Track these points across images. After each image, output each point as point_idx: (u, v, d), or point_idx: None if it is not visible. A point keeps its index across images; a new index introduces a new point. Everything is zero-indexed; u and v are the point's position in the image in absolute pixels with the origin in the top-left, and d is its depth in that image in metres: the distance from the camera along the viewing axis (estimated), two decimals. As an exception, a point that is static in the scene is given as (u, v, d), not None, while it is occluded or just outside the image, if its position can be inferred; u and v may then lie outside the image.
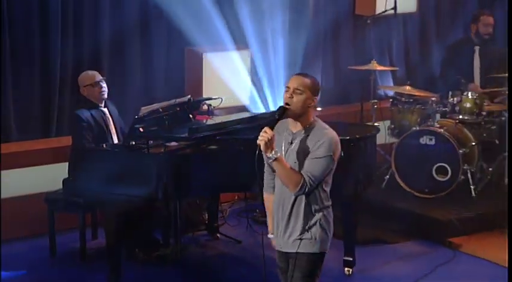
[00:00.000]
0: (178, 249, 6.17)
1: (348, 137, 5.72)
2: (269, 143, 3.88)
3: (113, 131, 6.18)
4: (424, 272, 5.87)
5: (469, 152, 6.90)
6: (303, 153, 3.99)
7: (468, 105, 7.20)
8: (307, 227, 4.05)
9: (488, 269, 6.08)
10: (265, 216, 4.96)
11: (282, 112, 3.98)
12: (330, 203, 4.15)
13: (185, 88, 7.45)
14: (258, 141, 3.90)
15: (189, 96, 6.21)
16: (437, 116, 7.35)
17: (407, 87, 7.43)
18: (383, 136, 7.31)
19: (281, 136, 4.11)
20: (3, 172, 6.40)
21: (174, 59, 7.24)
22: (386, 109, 7.82)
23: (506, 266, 6.03)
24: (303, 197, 4.02)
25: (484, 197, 7.00)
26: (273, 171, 4.11)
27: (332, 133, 4.04)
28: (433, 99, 7.45)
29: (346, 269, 5.76)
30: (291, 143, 4.05)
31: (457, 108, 7.27)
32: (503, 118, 7.42)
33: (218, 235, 6.59)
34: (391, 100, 7.73)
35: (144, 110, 5.60)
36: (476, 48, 7.97)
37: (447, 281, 5.83)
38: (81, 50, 7.02)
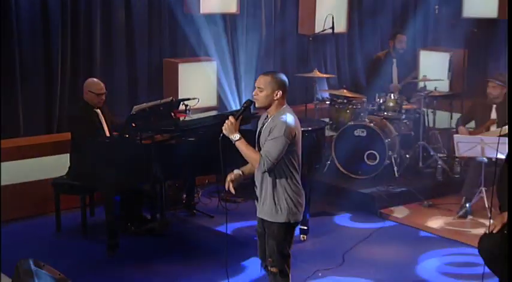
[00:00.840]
0: (163, 223, 6.24)
1: (303, 129, 5.86)
2: (230, 128, 4.07)
3: (105, 127, 6.15)
4: (363, 236, 6.09)
5: (392, 142, 7.10)
6: (264, 136, 4.12)
7: (391, 104, 7.45)
8: (275, 200, 4.14)
9: (411, 232, 6.32)
10: (231, 195, 5.64)
11: (248, 105, 4.21)
12: (298, 179, 4.24)
13: (163, 92, 7.45)
14: (222, 127, 4.11)
15: (172, 97, 6.29)
16: (367, 113, 7.46)
17: (344, 91, 7.62)
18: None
19: (260, 123, 4.25)
20: (15, 162, 6.37)
21: (155, 67, 7.24)
22: (325, 109, 7.92)
23: (423, 229, 6.31)
24: (270, 173, 4.11)
25: (404, 177, 7.16)
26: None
27: (285, 118, 4.14)
28: (363, 100, 7.60)
29: (301, 236, 5.89)
30: (262, 127, 4.19)
31: (382, 107, 7.48)
32: (417, 115, 7.64)
33: (194, 211, 6.67)
34: (328, 102, 7.85)
35: (136, 108, 5.71)
36: (394, 60, 8.19)
37: (381, 242, 6.02)
38: (78, 61, 6.92)
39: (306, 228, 6.00)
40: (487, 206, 6.27)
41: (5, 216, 6.18)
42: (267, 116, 4.23)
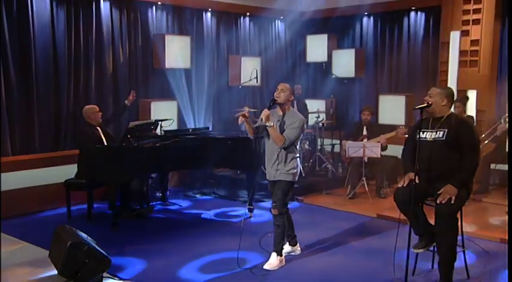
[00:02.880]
0: (148, 209, 6.33)
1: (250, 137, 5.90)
2: (266, 117, 4.31)
3: (104, 139, 6.14)
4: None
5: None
6: (283, 125, 4.40)
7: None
8: (285, 166, 4.42)
9: (317, 209, 6.48)
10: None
11: (273, 102, 4.38)
12: (298, 155, 4.52)
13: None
14: (261, 116, 4.35)
15: (154, 119, 6.47)
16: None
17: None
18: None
19: (274, 117, 4.44)
20: (36, 170, 6.35)
21: (133, 104, 7.14)
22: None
23: (330, 207, 6.43)
24: (284, 149, 4.39)
25: (308, 175, 7.34)
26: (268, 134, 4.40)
27: (302, 116, 4.47)
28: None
29: (249, 213, 6.07)
30: (279, 120, 4.42)
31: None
32: (312, 136, 7.77)
33: (168, 202, 6.72)
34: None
35: (132, 124, 5.92)
36: (295, 101, 8.06)
37: (299, 220, 5.72)
38: (78, 95, 6.87)
39: (252, 207, 6.19)
40: (366, 189, 6.67)
41: (25, 210, 6.16)
42: (283, 114, 4.44)
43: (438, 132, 3.96)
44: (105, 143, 6.14)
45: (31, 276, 4.45)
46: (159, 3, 7.66)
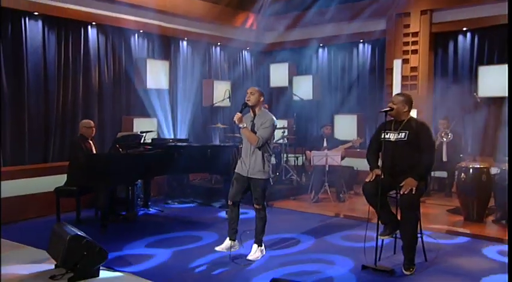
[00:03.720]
0: (133, 214, 6.17)
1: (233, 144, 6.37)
2: (239, 120, 4.23)
3: (94, 150, 6.06)
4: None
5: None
6: (256, 125, 4.31)
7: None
8: (262, 165, 4.32)
9: (290, 213, 6.42)
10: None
11: (245, 105, 4.31)
12: (271, 153, 4.44)
13: None
14: (234, 119, 4.25)
15: (139, 131, 6.40)
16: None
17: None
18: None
19: (248, 118, 4.37)
20: (29, 179, 6.15)
21: (117, 121, 7.24)
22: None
23: (297, 210, 6.39)
24: (258, 149, 4.29)
25: (276, 184, 7.30)
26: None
27: (271, 115, 4.36)
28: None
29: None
30: (252, 121, 4.34)
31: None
32: (278, 150, 7.67)
33: (150, 208, 6.56)
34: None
35: (119, 134, 5.94)
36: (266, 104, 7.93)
37: (272, 219, 5.57)
38: (66, 110, 6.75)
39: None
40: (329, 193, 6.75)
41: (17, 218, 5.88)
42: (254, 115, 4.35)
43: (400, 134, 4.08)
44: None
45: (31, 270, 4.32)
46: (141, 31, 7.66)
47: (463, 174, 5.69)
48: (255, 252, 4.43)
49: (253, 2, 8.82)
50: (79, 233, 4.16)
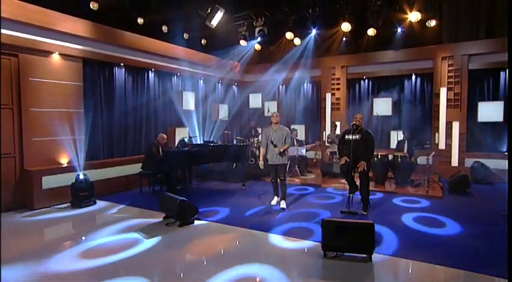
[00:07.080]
0: (187, 186, 6.12)
1: (241, 144, 6.16)
2: (278, 151, 4.31)
3: (161, 151, 5.88)
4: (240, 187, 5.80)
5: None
6: (278, 137, 4.47)
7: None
8: (283, 157, 4.58)
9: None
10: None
11: (273, 142, 4.39)
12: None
13: (175, 143, 6.93)
14: (275, 152, 4.29)
15: (189, 136, 6.37)
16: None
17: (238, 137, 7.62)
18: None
19: (270, 131, 4.55)
20: (117, 167, 5.94)
21: (164, 130, 6.83)
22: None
23: (290, 183, 6.07)
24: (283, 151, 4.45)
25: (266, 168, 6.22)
26: (275, 146, 4.36)
27: (287, 128, 4.47)
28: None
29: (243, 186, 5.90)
30: (273, 133, 4.51)
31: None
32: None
33: (192, 184, 6.28)
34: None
35: (179, 139, 5.96)
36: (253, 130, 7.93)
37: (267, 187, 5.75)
38: (136, 122, 6.51)
39: (244, 184, 6.08)
40: (298, 172, 6.89)
41: (113, 190, 5.80)
42: (275, 129, 4.47)
43: (356, 136, 4.45)
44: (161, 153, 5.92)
45: (149, 222, 4.29)
46: (178, 74, 7.37)
47: (375, 158, 6.18)
48: (283, 204, 4.72)
49: (240, 56, 8.76)
50: (180, 198, 4.23)
